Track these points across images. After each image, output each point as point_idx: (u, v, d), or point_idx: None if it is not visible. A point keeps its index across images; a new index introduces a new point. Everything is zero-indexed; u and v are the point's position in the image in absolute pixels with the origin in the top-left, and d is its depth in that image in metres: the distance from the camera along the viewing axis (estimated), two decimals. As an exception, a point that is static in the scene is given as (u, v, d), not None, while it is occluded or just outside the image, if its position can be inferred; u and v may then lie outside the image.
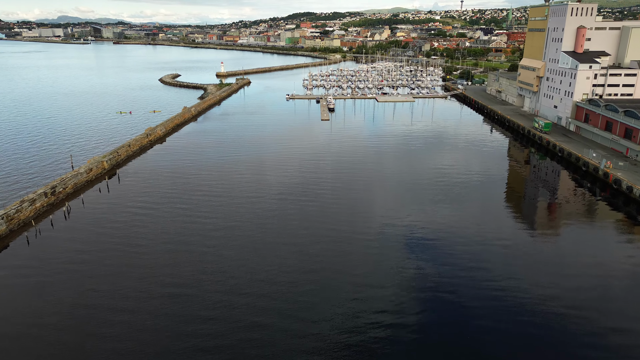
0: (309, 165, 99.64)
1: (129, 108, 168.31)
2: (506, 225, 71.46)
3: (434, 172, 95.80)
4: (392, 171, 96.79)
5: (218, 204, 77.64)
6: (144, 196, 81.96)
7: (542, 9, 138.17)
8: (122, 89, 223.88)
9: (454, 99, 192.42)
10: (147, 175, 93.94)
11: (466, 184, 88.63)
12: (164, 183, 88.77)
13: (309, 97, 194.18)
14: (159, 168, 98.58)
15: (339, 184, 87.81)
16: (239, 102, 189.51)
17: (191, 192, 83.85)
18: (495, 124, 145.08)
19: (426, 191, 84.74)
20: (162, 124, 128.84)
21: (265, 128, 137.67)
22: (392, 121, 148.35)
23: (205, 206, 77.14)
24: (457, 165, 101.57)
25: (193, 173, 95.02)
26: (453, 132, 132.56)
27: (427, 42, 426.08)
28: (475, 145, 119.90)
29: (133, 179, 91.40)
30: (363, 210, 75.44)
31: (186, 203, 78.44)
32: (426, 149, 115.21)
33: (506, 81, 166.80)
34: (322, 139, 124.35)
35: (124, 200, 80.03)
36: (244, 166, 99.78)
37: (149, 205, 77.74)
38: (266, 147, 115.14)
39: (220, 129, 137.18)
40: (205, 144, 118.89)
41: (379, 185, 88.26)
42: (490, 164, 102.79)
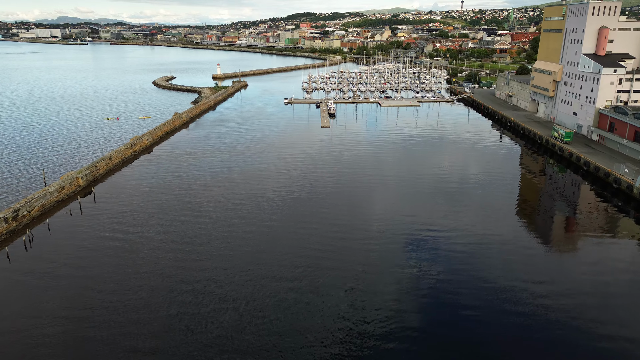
0: (308, 179, 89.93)
1: (118, 113, 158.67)
2: (519, 237, 67.50)
3: (443, 181, 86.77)
4: (397, 184, 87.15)
5: (207, 228, 67.94)
6: (121, 218, 72.28)
7: (558, 8, 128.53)
8: (114, 92, 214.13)
9: (461, 103, 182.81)
10: (127, 192, 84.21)
11: (476, 193, 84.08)
12: (146, 202, 79.06)
13: (309, 101, 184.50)
14: (142, 184, 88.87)
15: (341, 200, 78.15)
16: (234, 107, 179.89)
17: (176, 212, 74.17)
18: (507, 130, 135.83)
19: (435, 201, 78.18)
20: (150, 132, 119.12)
21: (261, 136, 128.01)
22: (396, 127, 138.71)
23: (192, 230, 67.53)
24: (466, 174, 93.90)
25: (180, 189, 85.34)
26: (462, 140, 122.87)
27: (429, 42, 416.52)
28: (486, 152, 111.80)
29: (111, 198, 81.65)
30: (367, 228, 65.86)
31: (169, 226, 68.78)
32: (434, 159, 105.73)
33: (517, 85, 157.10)
34: (323, 148, 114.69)
35: (97, 224, 70.32)
36: (237, 180, 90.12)
37: (126, 230, 68.06)
38: (261, 158, 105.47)
39: (212, 137, 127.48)
40: (195, 154, 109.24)
41: (384, 200, 78.62)
42: (502, 173, 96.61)
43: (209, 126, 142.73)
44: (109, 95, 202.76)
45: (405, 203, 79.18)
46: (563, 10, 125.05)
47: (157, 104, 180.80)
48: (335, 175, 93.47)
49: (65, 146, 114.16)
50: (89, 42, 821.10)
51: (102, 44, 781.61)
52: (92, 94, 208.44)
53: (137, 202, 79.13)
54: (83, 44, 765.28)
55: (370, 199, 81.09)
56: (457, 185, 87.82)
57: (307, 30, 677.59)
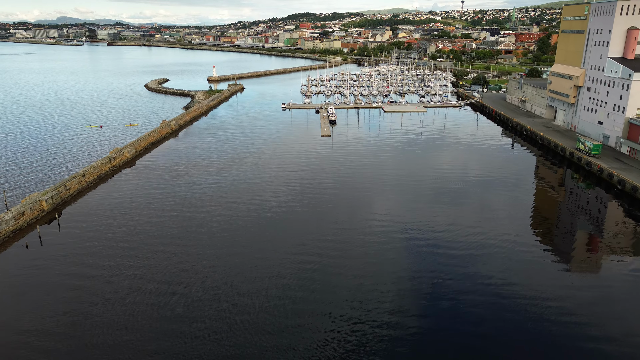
0: (305, 196, 79.32)
1: (104, 120, 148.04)
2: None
3: (454, 194, 76.54)
4: (404, 201, 76.54)
5: (187, 264, 57.29)
6: (87, 250, 61.60)
7: (580, 7, 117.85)
8: (103, 96, 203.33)
9: (469, 108, 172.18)
10: (99, 217, 73.46)
11: (489, 205, 79.07)
12: (120, 229, 68.37)
13: (308, 106, 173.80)
14: (118, 205, 78.17)
15: (342, 218, 67.54)
16: (228, 112, 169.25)
17: (153, 242, 63.55)
18: (521, 139, 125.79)
19: (446, 212, 70.60)
20: (132, 143, 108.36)
21: (256, 146, 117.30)
22: (402, 136, 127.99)
23: (170, 263, 56.95)
24: (479, 186, 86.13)
25: (161, 210, 74.72)
26: (475, 149, 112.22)
27: (431, 43, 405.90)
28: (498, 162, 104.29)
29: (78, 225, 70.91)
30: (373, 250, 55.38)
31: (144, 259, 58.18)
32: (444, 172, 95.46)
33: (532, 89, 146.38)
34: (322, 161, 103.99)
35: (57, 260, 59.65)
36: (227, 198, 79.57)
37: (90, 267, 57.39)
38: (255, 173, 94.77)
39: (202, 147, 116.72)
40: (182, 167, 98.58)
41: (390, 221, 67.90)
42: (515, 184, 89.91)
43: (199, 135, 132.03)
44: (97, 100, 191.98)
45: (416, 222, 68.52)
46: (585, 9, 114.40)
47: (147, 109, 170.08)
48: (336, 191, 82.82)
49: (37, 161, 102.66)
50: (86, 42, 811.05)
51: (99, 44, 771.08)
52: (79, 98, 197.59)
53: (108, 230, 68.42)
54: (79, 44, 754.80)
55: (374, 218, 70.43)
56: (470, 198, 78.68)
57: (306, 31, 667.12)
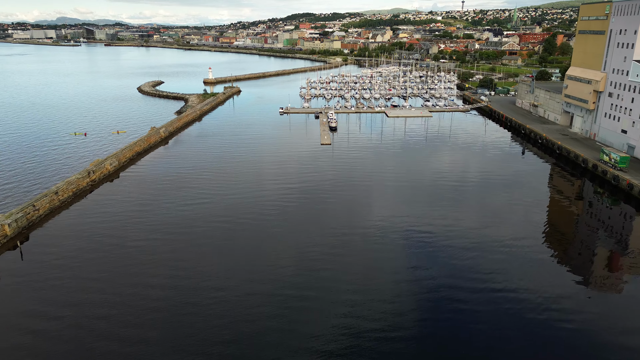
0: (303, 213, 70.84)
1: (91, 126, 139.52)
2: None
3: (467, 206, 67.92)
4: (411, 217, 68.00)
5: (169, 301, 48.76)
6: (52, 283, 53.05)
7: (600, 6, 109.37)
8: (93, 100, 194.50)
9: (476, 112, 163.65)
10: (69, 243, 64.81)
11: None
12: (91, 257, 59.73)
13: (307, 110, 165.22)
14: (92, 227, 69.53)
15: (346, 243, 59.08)
16: (223, 117, 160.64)
17: (129, 273, 54.99)
18: (531, 145, 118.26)
19: (456, 225, 61.60)
20: (116, 154, 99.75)
21: (251, 156, 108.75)
22: (407, 144, 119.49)
23: (149, 301, 48.37)
24: (490, 196, 77.53)
25: (141, 233, 66.24)
26: (485, 157, 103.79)
27: (434, 43, 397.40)
28: (509, 171, 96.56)
29: (46, 251, 62.27)
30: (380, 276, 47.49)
31: (116, 295, 49.63)
32: (453, 180, 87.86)
33: (545, 93, 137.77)
34: (322, 172, 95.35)
35: (17, 293, 51.18)
36: (216, 219, 70.96)
37: (54, 305, 48.90)
38: (249, 187, 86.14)
39: (192, 157, 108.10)
40: (169, 180, 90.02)
41: (396, 241, 59.48)
42: (527, 194, 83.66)
43: (190, 143, 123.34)
44: (86, 104, 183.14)
45: (429, 237, 60.03)
46: (606, 8, 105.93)
47: (138, 114, 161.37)
48: (337, 206, 74.27)
49: (8, 175, 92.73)
50: (83, 43, 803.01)
51: (97, 45, 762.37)
52: (68, 101, 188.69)
53: (78, 258, 59.82)
54: (76, 45, 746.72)
55: (380, 236, 61.93)
56: (480, 208, 70.90)
57: (306, 31, 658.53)
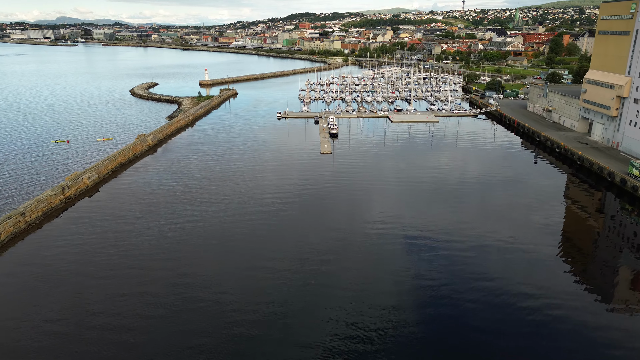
0: (300, 238, 62.30)
1: (74, 132, 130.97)
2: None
3: (478, 217, 59.46)
4: (420, 231, 59.52)
5: (146, 344, 40.35)
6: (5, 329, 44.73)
7: (624, 4, 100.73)
8: (82, 103, 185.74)
9: (484, 117, 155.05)
10: (28, 277, 56.28)
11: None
12: (50, 299, 51.31)
13: (306, 115, 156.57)
14: (57, 258, 60.66)
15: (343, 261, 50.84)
16: (218, 123, 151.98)
17: (95, 310, 46.48)
18: (545, 153, 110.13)
19: (466, 238, 53.81)
20: (96, 166, 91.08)
21: (244, 167, 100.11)
22: (413, 152, 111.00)
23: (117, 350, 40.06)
24: (502, 208, 66.97)
25: (114, 260, 57.70)
26: (498, 166, 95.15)
27: (436, 44, 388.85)
28: (520, 180, 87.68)
29: (4, 284, 53.91)
30: None
31: (83, 341, 41.23)
32: (468, 193, 79.38)
33: (560, 98, 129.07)
34: (321, 186, 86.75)
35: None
36: (203, 243, 62.47)
37: None
38: (241, 203, 77.47)
39: (181, 168, 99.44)
40: (152, 196, 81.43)
41: (404, 262, 51.15)
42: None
43: (180, 151, 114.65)
44: (74, 107, 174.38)
45: (441, 254, 51.63)
46: (632, 6, 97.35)
47: (127, 118, 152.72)
48: (340, 225, 65.71)
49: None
50: (81, 43, 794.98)
51: (94, 45, 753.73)
52: (55, 105, 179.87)
53: (35, 299, 51.38)
54: (74, 45, 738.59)
55: (384, 257, 53.49)
56: (494, 219, 61.58)
57: (306, 31, 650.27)
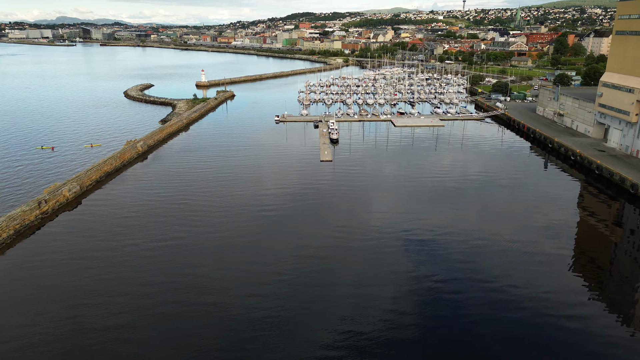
0: (298, 259, 55.81)
1: (61, 138, 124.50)
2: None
3: (489, 226, 53.43)
4: (426, 244, 53.20)
5: None
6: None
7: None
8: (72, 106, 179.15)
9: (491, 121, 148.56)
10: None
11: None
12: (21, 334, 44.89)
13: (305, 119, 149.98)
14: (29, 283, 54.47)
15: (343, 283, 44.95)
16: (213, 127, 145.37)
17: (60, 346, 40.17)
18: (561, 161, 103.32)
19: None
20: (78, 177, 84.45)
21: (239, 176, 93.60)
22: (418, 158, 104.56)
23: None
24: (516, 218, 60.28)
25: (92, 286, 51.27)
26: (511, 175, 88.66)
27: (438, 44, 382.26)
28: (532, 188, 78.79)
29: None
30: None
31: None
32: (479, 201, 72.18)
33: (573, 102, 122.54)
34: (321, 197, 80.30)
35: None
36: (192, 263, 55.99)
37: None
38: (234, 219, 71.10)
39: (171, 178, 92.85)
40: (139, 210, 74.98)
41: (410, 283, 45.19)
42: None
43: (171, 159, 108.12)
44: (64, 111, 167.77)
45: (454, 267, 45.47)
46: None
47: (118, 123, 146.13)
48: (340, 242, 59.21)
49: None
50: (79, 43, 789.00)
51: (93, 45, 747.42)
52: (44, 108, 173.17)
53: (6, 329, 45.00)
54: (71, 45, 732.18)
55: (392, 277, 47.22)
56: (507, 229, 55.33)
57: (306, 31, 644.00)
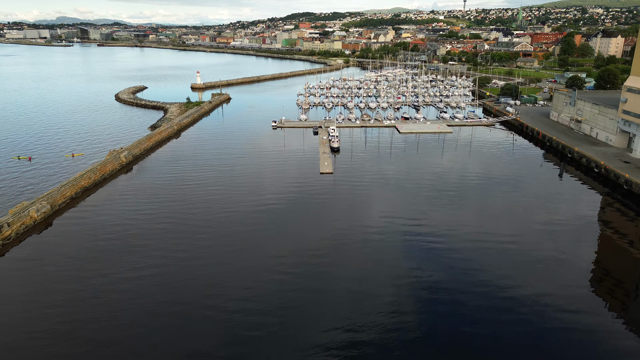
0: (295, 290, 47.54)
1: (41, 147, 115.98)
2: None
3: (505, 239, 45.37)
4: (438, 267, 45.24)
5: None
6: None
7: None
8: (59, 110, 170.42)
9: (501, 126, 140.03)
10: None
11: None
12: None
13: (304, 124, 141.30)
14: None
15: None
16: (206, 133, 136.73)
17: None
18: (582, 173, 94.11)
19: None
20: (49, 194, 75.60)
21: (230, 190, 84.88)
22: (426, 169, 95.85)
23: None
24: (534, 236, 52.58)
25: (55, 330, 42.73)
26: (529, 188, 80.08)
27: (440, 44, 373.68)
28: (554, 202, 69.94)
29: None
30: None
31: None
32: (502, 219, 63.70)
33: (592, 107, 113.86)
34: (320, 216, 71.74)
35: None
36: (169, 300, 47.47)
37: None
38: (218, 241, 62.58)
39: (156, 192, 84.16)
40: (117, 232, 66.34)
41: None
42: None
43: (159, 170, 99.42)
44: (50, 116, 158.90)
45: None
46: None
47: (105, 129, 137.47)
48: (340, 269, 50.72)
49: None
50: (77, 43, 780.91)
51: (90, 45, 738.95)
52: (28, 114, 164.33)
53: None
54: (68, 45, 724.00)
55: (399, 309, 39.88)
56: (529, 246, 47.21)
57: (305, 31, 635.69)
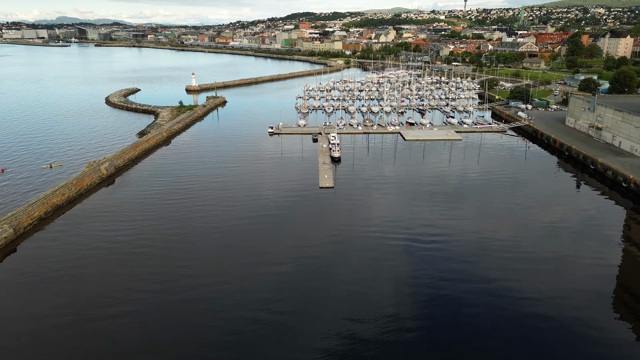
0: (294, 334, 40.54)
1: (18, 156, 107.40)
2: None
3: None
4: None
5: None
6: None
7: None
8: (45, 115, 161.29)
9: (514, 133, 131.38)
10: None
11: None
12: None
13: (303, 131, 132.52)
14: None
15: None
16: (198, 140, 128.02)
17: None
18: (607, 187, 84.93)
19: None
20: (12, 216, 66.82)
21: (220, 207, 76.20)
22: (436, 182, 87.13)
23: None
24: None
25: None
26: (554, 200, 71.66)
27: (444, 44, 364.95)
28: (575, 219, 61.69)
29: None
30: None
31: None
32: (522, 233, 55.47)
33: (615, 114, 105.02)
34: (321, 238, 63.17)
35: None
36: (148, 338, 39.41)
37: None
38: (208, 271, 54.05)
39: (139, 210, 75.44)
40: (89, 257, 57.83)
41: None
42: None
43: (143, 183, 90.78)
44: (31, 121, 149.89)
45: None
46: None
47: (90, 136, 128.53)
48: (344, 302, 42.40)
49: None
50: (75, 43, 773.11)
51: (88, 45, 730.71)
52: (11, 119, 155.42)
53: None
54: (66, 45, 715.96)
55: None
56: None
57: (305, 31, 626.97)
